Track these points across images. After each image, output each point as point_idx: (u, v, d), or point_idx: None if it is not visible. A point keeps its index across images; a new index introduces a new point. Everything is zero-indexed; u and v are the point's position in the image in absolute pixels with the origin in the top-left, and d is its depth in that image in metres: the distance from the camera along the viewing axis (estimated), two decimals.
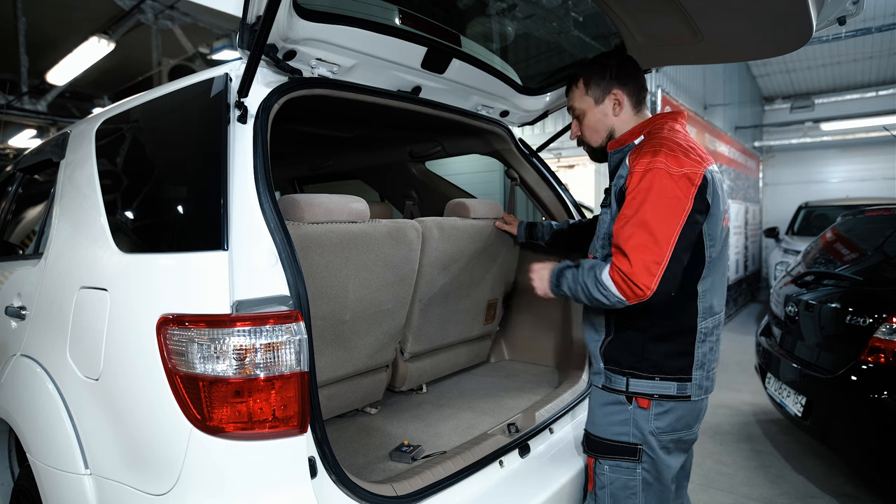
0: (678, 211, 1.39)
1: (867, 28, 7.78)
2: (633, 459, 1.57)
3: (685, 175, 1.41)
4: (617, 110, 1.67)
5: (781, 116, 12.71)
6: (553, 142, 2.64)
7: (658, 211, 1.39)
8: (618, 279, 1.40)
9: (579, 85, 1.71)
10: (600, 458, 1.62)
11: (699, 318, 1.54)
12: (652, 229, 1.38)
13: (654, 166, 1.42)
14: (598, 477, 1.63)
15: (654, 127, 1.59)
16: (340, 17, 1.57)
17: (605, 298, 1.44)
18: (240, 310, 1.17)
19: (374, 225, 1.86)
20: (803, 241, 7.46)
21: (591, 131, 1.72)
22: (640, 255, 1.37)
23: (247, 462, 1.19)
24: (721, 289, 1.59)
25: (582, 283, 1.50)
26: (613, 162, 1.68)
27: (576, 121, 1.77)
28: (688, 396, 1.54)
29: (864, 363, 2.71)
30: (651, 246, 1.37)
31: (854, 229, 3.76)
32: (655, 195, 1.40)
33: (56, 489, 1.46)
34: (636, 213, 1.41)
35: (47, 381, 1.56)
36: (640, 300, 1.39)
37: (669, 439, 1.56)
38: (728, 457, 3.64)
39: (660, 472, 1.58)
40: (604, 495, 1.61)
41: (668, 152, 1.44)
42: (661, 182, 1.41)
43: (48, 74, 6.90)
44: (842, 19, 1.73)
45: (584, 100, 1.70)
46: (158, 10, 5.75)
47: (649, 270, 1.36)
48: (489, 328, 2.66)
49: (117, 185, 1.66)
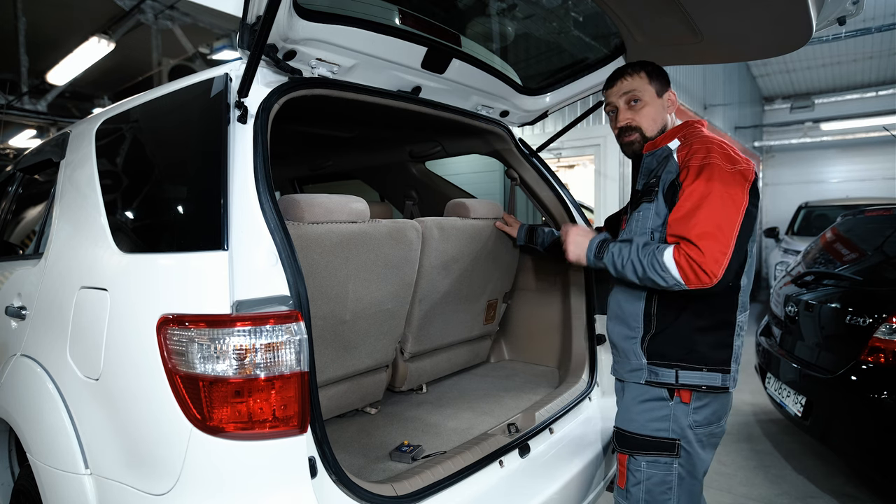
0: (738, 204, 1.45)
1: (867, 28, 7.79)
2: (671, 454, 1.59)
3: (739, 171, 1.48)
4: (670, 109, 1.73)
5: (781, 116, 12.71)
6: (553, 142, 2.64)
7: (722, 203, 1.44)
8: (684, 264, 1.44)
9: (642, 74, 1.71)
10: (636, 454, 1.62)
11: (738, 312, 1.60)
12: (718, 220, 1.43)
13: (710, 161, 1.49)
14: (633, 473, 1.63)
15: (689, 132, 1.66)
16: (340, 17, 1.57)
17: (661, 279, 1.48)
18: (240, 310, 1.17)
19: (374, 225, 1.86)
20: (803, 241, 7.45)
21: (650, 120, 1.70)
22: (709, 244, 1.42)
23: (247, 462, 1.19)
24: (750, 286, 1.64)
25: (635, 260, 1.53)
26: (647, 163, 1.71)
27: (628, 107, 1.71)
28: (727, 388, 1.59)
29: (864, 363, 2.71)
30: (718, 236, 1.42)
31: (854, 229, 3.76)
32: (718, 188, 1.45)
33: (56, 489, 1.46)
34: (701, 205, 1.45)
35: (47, 381, 1.56)
36: (703, 287, 1.43)
37: (704, 433, 1.60)
38: (728, 456, 3.64)
39: (694, 466, 1.61)
40: (638, 491, 1.62)
41: (720, 150, 1.52)
42: (720, 176, 1.47)
43: (48, 74, 6.90)
44: (842, 19, 1.74)
45: (647, 89, 1.70)
46: (158, 10, 5.75)
47: (717, 259, 1.41)
48: (489, 328, 2.66)
49: (117, 185, 1.66)
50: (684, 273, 1.44)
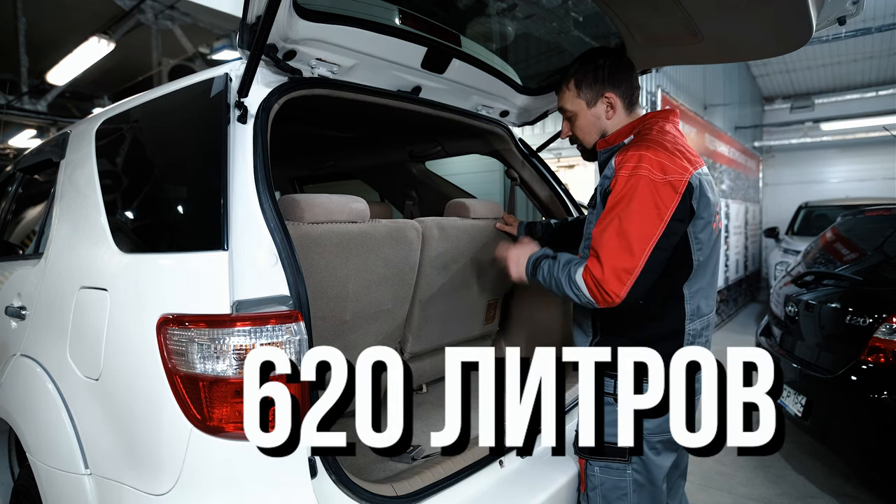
0: (657, 220, 1.39)
1: (867, 28, 7.78)
2: (622, 460, 1.57)
3: (668, 182, 1.40)
4: (610, 113, 1.65)
5: (781, 116, 12.70)
6: (553, 142, 2.63)
7: (636, 219, 1.39)
8: (589, 282, 1.43)
9: (570, 87, 1.67)
10: (590, 459, 1.62)
11: (687, 321, 1.54)
12: (628, 237, 1.38)
13: (637, 172, 1.41)
14: (589, 478, 1.63)
15: (644, 127, 1.58)
16: (340, 17, 1.57)
17: (576, 297, 1.47)
18: (240, 310, 1.17)
19: (374, 225, 1.86)
20: (803, 241, 7.45)
21: (584, 133, 1.71)
22: (612, 262, 1.39)
23: (247, 462, 1.18)
24: (710, 290, 1.59)
25: (556, 277, 1.52)
26: (602, 161, 1.68)
27: (566, 120, 1.75)
28: None
29: (864, 363, 2.71)
30: (625, 254, 1.38)
31: (854, 229, 3.77)
32: (636, 203, 1.39)
33: (56, 489, 1.46)
34: (615, 219, 1.41)
35: (47, 381, 1.56)
36: (609, 305, 1.42)
37: (657, 440, 1.56)
38: (728, 456, 3.64)
39: (650, 472, 1.58)
40: (595, 496, 1.61)
41: (654, 157, 1.43)
42: (642, 189, 1.40)
43: (48, 74, 6.90)
44: (842, 19, 1.73)
45: (575, 102, 1.67)
46: (158, 10, 5.75)
47: (619, 278, 1.38)
48: (489, 328, 2.66)
49: (117, 185, 1.66)
50: (591, 292, 1.42)
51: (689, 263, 1.51)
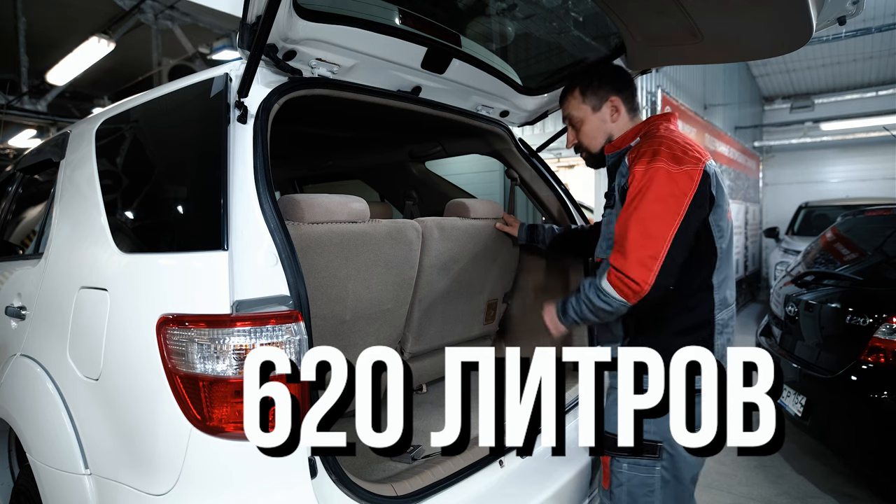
0: (676, 207, 1.42)
1: (867, 28, 7.78)
2: (652, 457, 1.57)
3: (685, 172, 1.45)
4: (615, 116, 1.71)
5: (781, 116, 12.70)
6: (553, 142, 2.64)
7: (655, 208, 1.42)
8: (614, 279, 1.44)
9: (575, 94, 1.75)
10: (618, 455, 1.62)
11: (716, 310, 1.57)
12: (648, 225, 1.42)
13: (654, 165, 1.46)
14: (615, 475, 1.63)
15: (650, 128, 1.63)
16: (340, 17, 1.57)
17: (608, 305, 1.47)
18: (240, 310, 1.17)
19: (374, 225, 1.86)
20: (803, 241, 7.45)
21: (590, 138, 1.76)
22: (636, 253, 1.41)
23: (247, 462, 1.18)
24: (732, 281, 1.62)
25: (585, 299, 1.53)
26: (612, 164, 1.72)
27: (571, 129, 1.80)
28: None
29: (864, 363, 2.71)
30: (646, 241, 1.41)
31: (854, 229, 3.77)
32: (654, 192, 1.44)
33: (56, 489, 1.46)
34: (634, 211, 1.45)
35: (47, 381, 1.56)
36: (639, 296, 1.42)
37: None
38: (727, 456, 3.63)
39: (679, 469, 1.59)
40: (621, 493, 1.62)
41: (668, 150, 1.48)
42: (660, 179, 1.44)
43: (48, 74, 6.90)
44: (842, 19, 1.74)
45: (581, 108, 1.74)
46: (158, 10, 5.76)
47: (644, 265, 1.40)
48: (489, 328, 2.66)
49: (117, 185, 1.66)
50: (618, 289, 1.43)
51: (714, 251, 1.54)
